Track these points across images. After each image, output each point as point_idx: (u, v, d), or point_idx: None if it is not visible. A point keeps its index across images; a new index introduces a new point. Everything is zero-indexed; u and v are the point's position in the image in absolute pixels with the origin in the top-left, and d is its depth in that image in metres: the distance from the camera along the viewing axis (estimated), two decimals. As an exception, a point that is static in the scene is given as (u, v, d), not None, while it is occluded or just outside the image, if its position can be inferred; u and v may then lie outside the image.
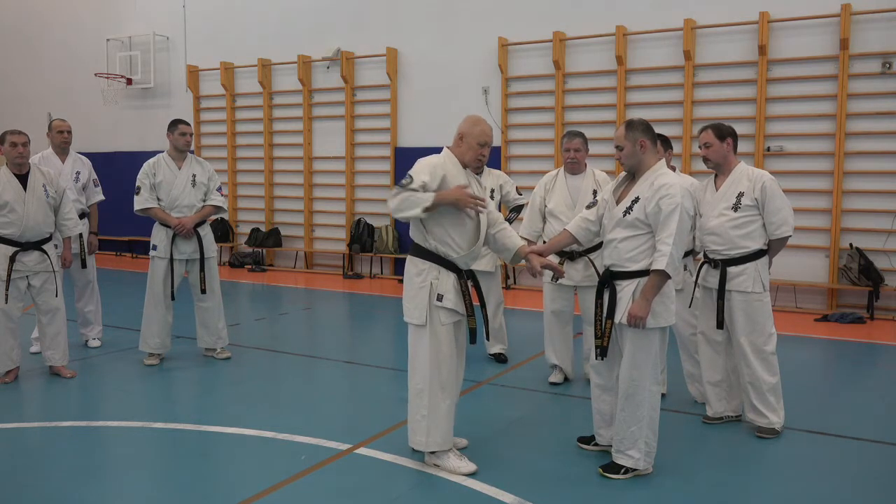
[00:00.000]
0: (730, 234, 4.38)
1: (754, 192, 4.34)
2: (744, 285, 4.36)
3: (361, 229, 11.25)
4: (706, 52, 9.07)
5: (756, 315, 4.39)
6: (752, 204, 4.34)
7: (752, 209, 4.35)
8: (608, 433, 4.06)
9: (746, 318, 4.39)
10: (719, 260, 4.44)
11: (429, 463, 3.92)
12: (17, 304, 5.42)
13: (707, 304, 4.59)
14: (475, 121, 3.92)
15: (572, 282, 5.22)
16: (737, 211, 4.37)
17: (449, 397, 3.88)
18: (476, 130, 3.87)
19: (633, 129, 3.78)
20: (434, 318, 3.82)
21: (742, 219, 4.37)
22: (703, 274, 4.59)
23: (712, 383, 4.62)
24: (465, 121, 3.94)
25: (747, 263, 4.37)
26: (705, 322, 4.62)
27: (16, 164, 5.37)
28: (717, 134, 4.43)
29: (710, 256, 4.52)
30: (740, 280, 4.37)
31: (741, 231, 4.37)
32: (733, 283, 4.38)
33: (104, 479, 3.86)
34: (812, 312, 8.38)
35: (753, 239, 4.38)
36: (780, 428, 4.44)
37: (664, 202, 3.63)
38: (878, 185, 8.32)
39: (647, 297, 3.64)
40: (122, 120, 13.57)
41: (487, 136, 3.90)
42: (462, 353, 4.06)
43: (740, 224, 4.37)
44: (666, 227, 3.62)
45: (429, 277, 3.82)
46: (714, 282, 4.47)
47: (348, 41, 11.34)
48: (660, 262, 3.60)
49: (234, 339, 6.69)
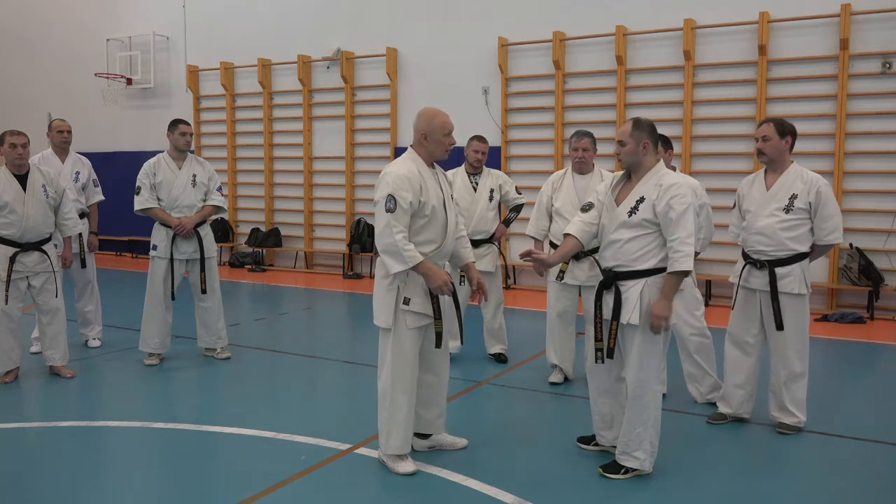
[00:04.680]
0: (780, 236, 4.33)
1: (808, 196, 4.30)
2: (791, 287, 4.33)
3: (361, 229, 11.25)
4: (706, 52, 9.07)
5: (799, 316, 4.38)
6: (804, 207, 4.30)
7: (803, 212, 4.31)
8: (610, 434, 4.06)
9: (791, 320, 4.36)
10: (765, 261, 4.38)
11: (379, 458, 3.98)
12: (17, 305, 5.42)
13: (746, 307, 4.53)
14: (431, 115, 3.86)
15: (577, 281, 5.22)
16: (789, 213, 4.32)
17: (411, 402, 3.88)
18: (436, 124, 3.83)
19: (639, 129, 3.76)
20: (400, 321, 3.81)
21: (793, 221, 4.32)
22: (744, 275, 4.50)
23: (737, 385, 4.58)
24: (421, 118, 3.86)
25: (794, 265, 4.34)
26: (740, 324, 4.56)
27: (15, 164, 5.37)
28: (779, 130, 4.36)
29: (753, 257, 4.45)
30: (787, 281, 4.34)
31: (791, 233, 4.33)
32: (780, 284, 4.34)
33: (104, 479, 3.86)
34: (812, 312, 8.27)
35: (801, 242, 4.35)
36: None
37: (675, 202, 3.61)
38: (878, 185, 8.32)
39: (670, 298, 3.63)
40: (122, 120, 13.57)
41: (449, 125, 3.87)
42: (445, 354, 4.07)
43: (791, 226, 4.33)
44: (683, 226, 3.59)
45: (396, 281, 3.80)
46: (758, 283, 4.41)
47: (348, 41, 11.34)
48: (684, 262, 3.57)
49: (234, 339, 6.69)
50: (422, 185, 3.76)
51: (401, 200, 3.68)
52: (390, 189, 3.70)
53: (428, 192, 3.77)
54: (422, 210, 3.75)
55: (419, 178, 3.76)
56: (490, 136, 7.21)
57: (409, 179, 3.73)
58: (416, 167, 3.81)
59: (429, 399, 4.07)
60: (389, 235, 3.67)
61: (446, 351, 4.08)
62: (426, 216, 3.78)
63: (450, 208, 3.90)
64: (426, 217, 3.78)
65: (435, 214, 3.80)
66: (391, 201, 3.68)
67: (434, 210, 3.79)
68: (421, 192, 3.74)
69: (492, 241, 6.08)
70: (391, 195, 3.69)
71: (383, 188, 3.74)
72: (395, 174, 3.74)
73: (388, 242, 3.68)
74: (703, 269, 8.58)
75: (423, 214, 3.77)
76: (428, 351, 3.98)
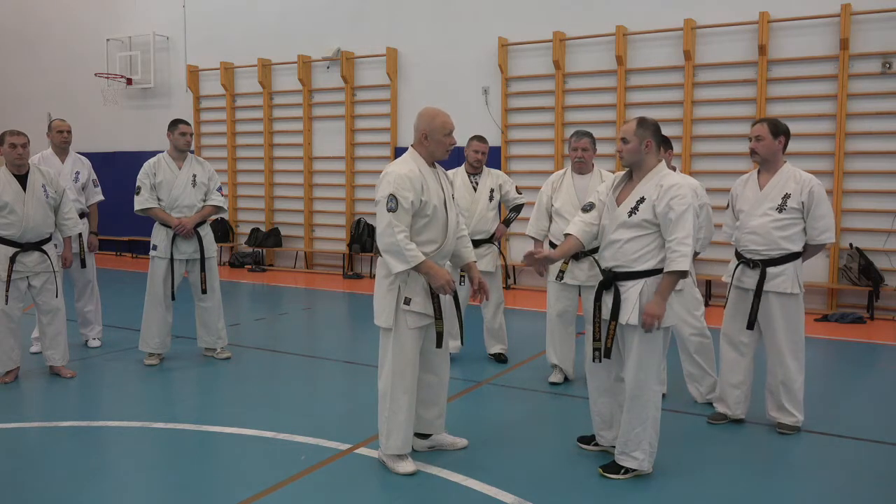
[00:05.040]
0: (773, 235, 4.34)
1: (801, 196, 4.31)
2: (783, 286, 4.34)
3: (361, 229, 11.25)
4: (706, 52, 9.07)
5: (793, 316, 4.39)
6: (797, 207, 4.32)
7: (796, 212, 4.33)
8: (610, 434, 4.06)
9: (785, 319, 4.38)
10: (758, 260, 4.39)
11: (379, 458, 3.97)
12: (17, 305, 5.42)
13: (739, 306, 4.54)
14: (432, 115, 3.85)
15: (577, 281, 5.22)
16: (782, 212, 4.33)
17: (411, 402, 3.88)
18: (437, 123, 3.83)
19: (644, 128, 3.75)
20: (400, 321, 3.81)
21: (786, 221, 4.34)
22: (737, 275, 4.51)
23: (733, 385, 4.59)
24: (422, 118, 3.86)
25: (786, 264, 4.35)
26: (733, 323, 4.57)
27: (15, 164, 5.37)
28: (772, 130, 4.37)
29: (746, 257, 4.46)
30: (779, 281, 4.34)
31: (784, 233, 4.34)
32: (772, 283, 4.35)
33: (104, 479, 3.86)
34: (812, 312, 8.37)
35: (794, 241, 4.36)
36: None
37: (675, 202, 3.61)
38: (878, 185, 8.32)
39: (664, 297, 3.63)
40: (122, 120, 13.57)
41: (450, 126, 3.86)
42: (445, 354, 4.07)
43: (784, 226, 4.34)
44: (682, 227, 3.60)
45: (397, 280, 3.80)
46: (750, 283, 4.42)
47: (348, 41, 11.34)
48: (681, 262, 3.57)
49: (234, 339, 6.69)
50: (423, 185, 3.75)
51: (402, 200, 3.68)
52: (391, 189, 3.70)
53: (429, 191, 3.77)
54: (423, 210, 3.75)
55: (420, 178, 3.76)
56: (490, 136, 7.22)
57: (410, 179, 3.72)
58: (417, 167, 3.81)
59: (429, 399, 4.07)
60: (391, 235, 3.67)
61: (446, 351, 4.08)
62: (427, 216, 3.77)
63: (451, 208, 3.90)
64: (427, 217, 3.77)
65: (436, 214, 3.80)
66: (392, 201, 3.68)
67: (435, 210, 3.79)
68: (422, 191, 3.74)
69: (492, 241, 6.08)
70: (392, 195, 3.69)
71: (384, 188, 3.73)
72: (397, 174, 3.74)
73: (390, 242, 3.68)
74: (702, 269, 8.58)
75: (424, 214, 3.76)
76: (428, 351, 3.98)
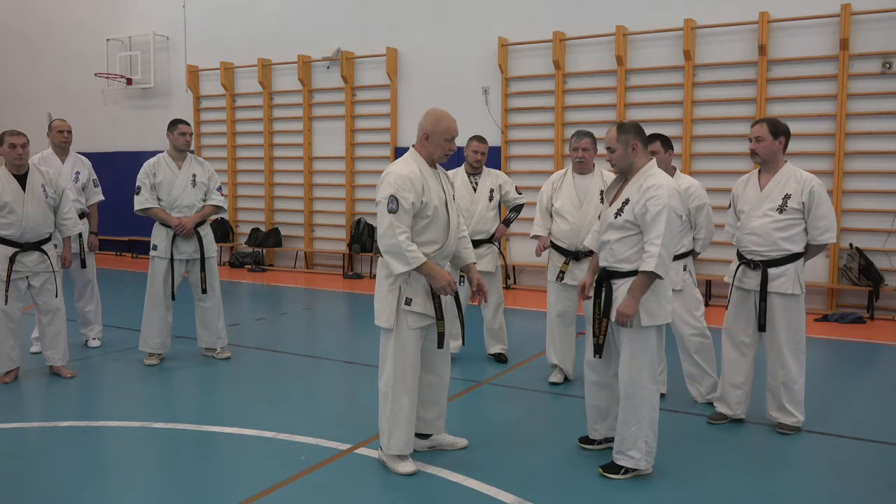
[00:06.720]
0: (773, 236, 4.33)
1: (802, 196, 4.29)
2: (784, 287, 4.33)
3: (361, 229, 11.25)
4: (706, 52, 9.07)
5: (794, 316, 4.38)
6: (798, 207, 4.30)
7: (797, 212, 4.31)
8: (603, 427, 4.09)
9: (786, 320, 4.37)
10: (759, 261, 4.39)
11: (379, 458, 3.97)
12: (17, 305, 5.42)
13: (740, 307, 4.53)
14: (439, 116, 3.83)
15: (577, 281, 5.21)
16: (782, 213, 4.32)
17: (413, 402, 3.87)
18: (441, 127, 3.81)
19: (625, 132, 3.77)
20: (402, 322, 3.81)
21: (786, 221, 4.32)
22: (738, 276, 4.51)
23: (735, 385, 4.59)
24: (428, 117, 3.85)
25: (788, 265, 4.34)
26: (735, 324, 4.56)
27: (15, 164, 5.37)
28: (772, 130, 4.36)
29: (747, 257, 4.45)
30: (781, 281, 4.33)
31: (785, 233, 4.33)
32: (773, 284, 4.34)
33: (104, 479, 3.86)
34: (812, 312, 8.35)
35: (795, 242, 4.35)
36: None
37: (651, 203, 3.62)
38: (878, 185, 8.32)
39: (635, 297, 3.64)
40: (122, 120, 13.57)
41: (453, 131, 3.84)
42: (446, 354, 4.07)
43: (784, 226, 4.33)
44: (654, 228, 3.60)
45: (398, 281, 3.80)
46: (752, 283, 4.42)
47: (348, 41, 11.34)
48: (648, 263, 3.59)
49: (234, 339, 6.69)
50: (424, 186, 3.74)
51: (403, 201, 3.67)
52: (392, 189, 3.69)
53: (430, 192, 3.76)
54: (424, 210, 3.75)
55: (421, 179, 3.75)
56: (490, 136, 7.22)
57: (410, 180, 3.71)
58: (417, 167, 3.80)
59: (429, 399, 4.07)
60: (392, 236, 3.66)
61: (447, 351, 4.08)
62: (428, 217, 3.77)
63: (452, 208, 3.89)
64: (428, 217, 3.77)
65: (437, 215, 3.80)
66: (393, 202, 3.67)
67: (436, 210, 3.79)
68: (423, 192, 3.73)
69: (492, 242, 6.08)
70: (393, 196, 3.68)
71: (385, 188, 3.72)
72: (397, 174, 3.73)
73: (391, 243, 3.67)
74: (702, 269, 8.58)
75: (425, 215, 3.76)
76: (429, 351, 3.98)
